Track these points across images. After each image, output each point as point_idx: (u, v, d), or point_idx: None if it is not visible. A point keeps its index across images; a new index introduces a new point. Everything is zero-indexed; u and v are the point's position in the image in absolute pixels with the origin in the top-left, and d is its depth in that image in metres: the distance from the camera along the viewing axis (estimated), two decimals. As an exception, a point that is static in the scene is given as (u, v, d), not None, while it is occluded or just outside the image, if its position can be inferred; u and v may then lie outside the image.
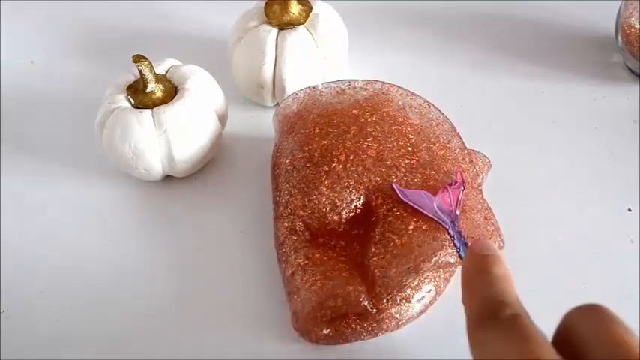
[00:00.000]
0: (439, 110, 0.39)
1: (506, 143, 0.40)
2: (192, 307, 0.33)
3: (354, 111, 0.37)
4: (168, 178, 0.39)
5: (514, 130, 0.41)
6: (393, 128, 0.37)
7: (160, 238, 0.37)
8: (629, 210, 0.37)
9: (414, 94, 0.39)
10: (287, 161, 0.36)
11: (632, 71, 0.44)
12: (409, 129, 0.37)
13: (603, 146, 0.40)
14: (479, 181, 0.36)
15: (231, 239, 0.36)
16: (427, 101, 0.39)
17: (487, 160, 0.37)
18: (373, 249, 0.33)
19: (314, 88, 0.39)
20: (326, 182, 0.34)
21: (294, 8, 0.40)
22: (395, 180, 0.34)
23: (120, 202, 0.39)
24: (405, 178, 0.34)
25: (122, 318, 0.33)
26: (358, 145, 0.36)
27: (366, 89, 0.39)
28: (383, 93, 0.39)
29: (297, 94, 0.39)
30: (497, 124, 0.42)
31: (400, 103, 0.39)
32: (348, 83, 0.39)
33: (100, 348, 0.32)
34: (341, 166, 0.35)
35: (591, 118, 0.42)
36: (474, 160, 0.37)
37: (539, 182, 0.38)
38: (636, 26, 0.42)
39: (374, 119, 0.37)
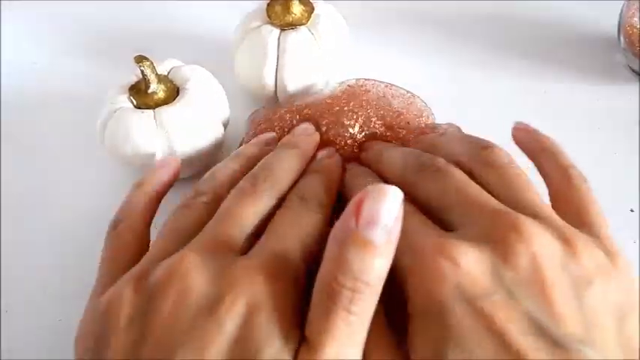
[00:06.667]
0: (424, 102, 0.38)
1: (507, 144, 0.40)
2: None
3: (327, 100, 0.36)
4: (170, 179, 0.39)
5: (516, 131, 0.41)
6: (379, 113, 0.35)
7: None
8: (631, 211, 0.37)
9: (393, 85, 0.38)
10: None
11: (635, 72, 0.44)
12: (396, 115, 0.36)
13: (605, 147, 0.40)
14: None
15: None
16: (410, 92, 0.38)
17: None
18: None
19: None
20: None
21: (296, 9, 0.40)
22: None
23: (121, 202, 0.39)
24: None
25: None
26: (336, 135, 0.34)
27: (340, 85, 0.38)
28: (359, 85, 0.38)
29: (270, 105, 0.39)
30: (499, 124, 0.42)
31: (381, 92, 0.37)
32: (321, 88, 0.39)
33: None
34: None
35: (593, 118, 0.42)
36: None
37: (541, 183, 0.38)
38: (638, 27, 0.42)
39: (351, 107, 0.35)
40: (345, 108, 0.35)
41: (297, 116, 0.36)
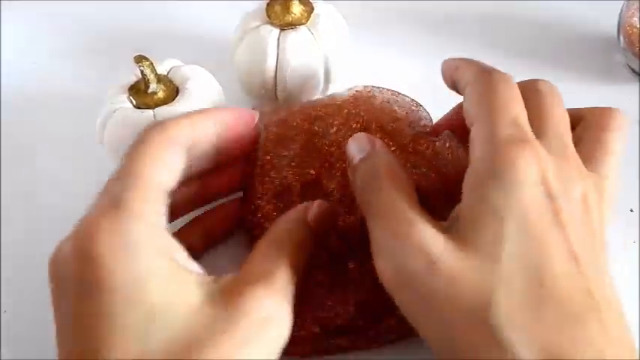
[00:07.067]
0: (427, 111, 0.38)
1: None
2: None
3: (337, 102, 0.37)
4: (169, 179, 0.39)
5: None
6: (382, 118, 0.36)
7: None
8: (631, 211, 0.37)
9: (400, 93, 0.38)
10: (258, 163, 0.35)
11: (634, 72, 0.44)
12: (397, 121, 0.36)
13: (605, 147, 0.40)
14: None
15: (231, 239, 0.36)
16: (415, 100, 0.38)
17: None
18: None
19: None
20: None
21: (296, 8, 0.40)
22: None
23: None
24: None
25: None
26: (345, 136, 0.34)
27: (349, 90, 0.38)
28: (367, 91, 0.38)
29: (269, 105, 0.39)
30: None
31: (386, 99, 0.38)
32: (328, 97, 0.39)
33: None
34: (322, 174, 0.34)
35: (593, 118, 0.42)
36: None
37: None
38: (638, 27, 0.42)
39: (358, 110, 0.36)
40: (353, 111, 0.36)
41: (312, 113, 0.36)
